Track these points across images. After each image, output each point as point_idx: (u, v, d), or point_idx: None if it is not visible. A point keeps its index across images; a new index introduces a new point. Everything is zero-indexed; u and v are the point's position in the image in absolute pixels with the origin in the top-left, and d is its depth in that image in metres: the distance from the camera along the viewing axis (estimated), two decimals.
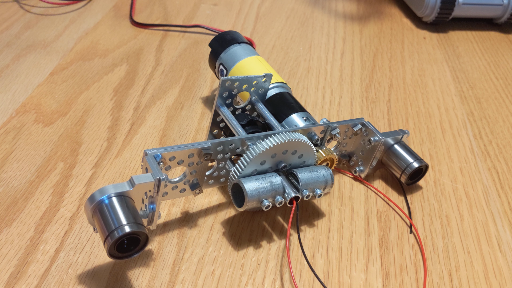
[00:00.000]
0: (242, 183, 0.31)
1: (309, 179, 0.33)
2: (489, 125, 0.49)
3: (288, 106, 0.40)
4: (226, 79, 0.36)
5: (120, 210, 0.27)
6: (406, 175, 0.38)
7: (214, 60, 0.45)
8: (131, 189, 0.28)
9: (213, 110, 0.37)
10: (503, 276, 0.34)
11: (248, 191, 0.31)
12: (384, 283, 0.32)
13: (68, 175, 0.38)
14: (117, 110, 0.46)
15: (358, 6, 0.72)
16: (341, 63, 0.57)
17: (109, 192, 0.28)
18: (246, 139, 0.33)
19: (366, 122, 0.38)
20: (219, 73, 0.44)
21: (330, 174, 0.34)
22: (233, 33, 0.45)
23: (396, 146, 0.39)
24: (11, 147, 0.41)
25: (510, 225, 0.38)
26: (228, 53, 0.43)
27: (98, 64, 0.53)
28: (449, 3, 0.63)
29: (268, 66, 0.43)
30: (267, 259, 0.33)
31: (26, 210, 0.35)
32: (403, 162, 0.38)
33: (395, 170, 0.39)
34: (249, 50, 0.44)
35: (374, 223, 0.37)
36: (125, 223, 0.27)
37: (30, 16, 0.61)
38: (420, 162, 0.38)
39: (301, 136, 0.33)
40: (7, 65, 0.52)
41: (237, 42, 0.44)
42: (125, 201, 0.28)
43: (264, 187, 0.32)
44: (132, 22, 0.61)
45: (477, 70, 0.59)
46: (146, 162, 0.30)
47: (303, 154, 0.34)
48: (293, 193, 0.32)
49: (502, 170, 0.43)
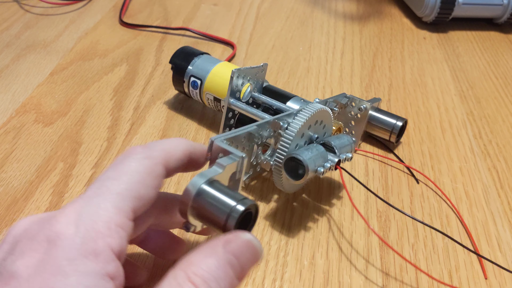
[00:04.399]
0: (299, 154, 0.32)
1: (340, 145, 0.35)
2: (489, 124, 0.49)
3: (281, 95, 0.41)
4: (237, 70, 0.37)
5: (223, 193, 0.25)
6: (395, 134, 0.42)
7: (182, 75, 0.44)
8: (222, 171, 0.26)
9: (226, 108, 0.38)
10: (503, 276, 0.34)
11: (308, 160, 0.32)
12: (384, 283, 0.32)
13: (68, 175, 0.38)
14: (117, 110, 0.46)
15: (358, 6, 0.72)
16: (341, 63, 0.57)
17: (201, 182, 0.25)
18: (279, 118, 0.34)
19: (349, 95, 0.42)
20: (190, 86, 0.44)
21: (352, 139, 0.37)
22: (189, 48, 0.46)
23: (375, 113, 0.43)
24: (11, 147, 0.41)
25: (510, 225, 0.38)
26: (195, 65, 0.43)
27: (98, 64, 0.53)
28: (449, 3, 0.63)
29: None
30: (267, 259, 0.33)
31: (26, 210, 0.35)
32: (388, 124, 0.42)
33: (382, 133, 0.43)
34: (213, 59, 0.44)
35: (374, 223, 0.37)
36: (234, 204, 0.24)
37: (30, 16, 0.61)
38: (402, 120, 0.42)
39: (323, 106, 0.36)
40: (7, 65, 0.52)
41: (199, 54, 0.44)
42: (219, 185, 0.26)
43: (316, 155, 0.33)
44: (120, 22, 0.61)
45: (477, 70, 0.59)
46: (219, 147, 0.28)
47: (326, 124, 0.37)
48: (336, 158, 0.34)
49: (502, 170, 0.43)
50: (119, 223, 0.21)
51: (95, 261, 0.19)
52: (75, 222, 0.20)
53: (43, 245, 0.20)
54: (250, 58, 0.57)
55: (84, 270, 0.19)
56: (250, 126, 0.33)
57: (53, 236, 0.20)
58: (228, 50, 0.58)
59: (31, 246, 0.20)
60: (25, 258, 0.20)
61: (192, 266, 0.20)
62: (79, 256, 0.19)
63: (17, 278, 0.19)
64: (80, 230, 0.20)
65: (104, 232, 0.20)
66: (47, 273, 0.19)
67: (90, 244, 0.20)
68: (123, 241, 0.21)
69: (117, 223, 0.21)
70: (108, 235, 0.20)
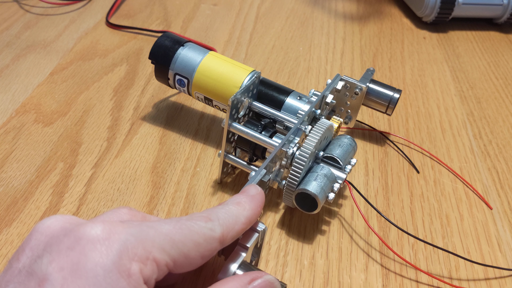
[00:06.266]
0: (309, 190, 0.32)
1: (344, 155, 0.35)
2: (489, 125, 0.49)
3: (278, 91, 0.39)
4: (234, 98, 0.34)
5: None
6: (392, 107, 0.42)
7: (165, 73, 0.40)
8: (245, 255, 0.27)
9: (225, 132, 0.36)
10: (503, 277, 0.34)
11: (317, 194, 0.32)
12: (384, 283, 0.32)
13: (68, 175, 0.38)
14: (117, 110, 0.46)
15: (358, 6, 0.72)
16: (341, 63, 0.57)
17: (233, 270, 0.26)
18: (284, 145, 0.33)
19: (344, 77, 0.41)
20: (177, 84, 0.40)
21: (352, 140, 0.37)
22: (170, 36, 0.40)
23: (371, 85, 0.42)
24: (11, 147, 0.41)
25: (510, 225, 0.38)
26: (178, 61, 0.39)
27: (98, 64, 0.53)
28: (449, 3, 0.63)
29: (229, 60, 0.40)
30: (267, 259, 0.33)
31: (26, 210, 0.35)
32: (385, 97, 0.42)
33: (379, 106, 0.43)
34: (198, 49, 0.40)
35: (374, 223, 0.37)
36: None
37: (30, 16, 0.61)
38: (399, 92, 0.42)
39: (327, 121, 0.35)
40: (7, 65, 0.52)
41: (182, 44, 0.40)
42: (247, 266, 0.26)
43: (323, 182, 0.33)
44: (107, 23, 0.61)
45: (477, 70, 0.59)
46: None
47: (328, 136, 0.36)
48: (343, 175, 0.34)
49: (502, 170, 0.43)
50: (156, 260, 0.20)
51: (127, 281, 0.19)
52: (117, 235, 0.20)
53: (78, 249, 0.19)
54: (250, 58, 0.56)
55: (117, 286, 0.19)
56: (261, 173, 0.31)
57: (89, 241, 0.19)
58: None
59: (65, 247, 0.20)
60: (59, 260, 0.19)
61: None
62: (115, 270, 0.19)
63: (50, 280, 0.19)
64: (120, 245, 0.20)
65: (142, 258, 0.20)
66: (82, 279, 0.19)
67: (126, 262, 0.19)
68: (153, 278, 0.21)
69: (155, 259, 0.20)
70: (144, 263, 0.20)
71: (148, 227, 0.21)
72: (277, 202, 0.38)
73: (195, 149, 0.42)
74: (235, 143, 0.38)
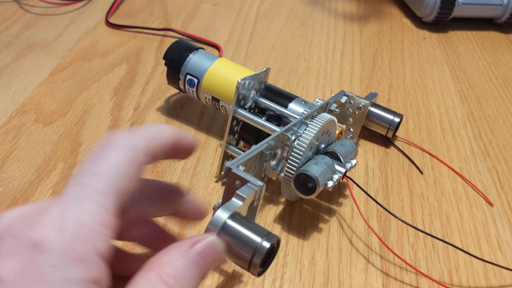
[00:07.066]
0: (309, 171, 0.32)
1: (345, 153, 0.35)
2: (489, 125, 0.49)
3: (283, 96, 0.41)
4: (243, 79, 0.36)
5: (248, 229, 0.25)
6: (393, 130, 0.43)
7: (177, 72, 0.42)
8: (242, 203, 0.26)
9: (231, 116, 0.36)
10: (503, 276, 0.34)
11: (318, 176, 0.32)
12: (384, 283, 0.32)
13: (68, 175, 0.38)
14: (117, 110, 0.46)
15: (358, 6, 0.72)
16: (341, 63, 0.57)
17: (224, 218, 0.25)
18: (286, 130, 0.34)
19: (348, 93, 0.42)
20: (186, 84, 0.42)
21: (354, 144, 0.37)
22: (184, 42, 0.44)
23: (373, 108, 0.43)
24: (11, 147, 0.41)
25: (510, 225, 0.38)
26: (191, 62, 0.42)
27: (98, 64, 0.53)
28: (449, 3, 0.63)
29: (236, 65, 0.43)
30: None
31: None
32: (386, 120, 0.43)
33: (379, 128, 0.43)
34: (209, 55, 0.43)
35: (374, 222, 0.37)
36: (260, 240, 0.24)
37: (30, 16, 0.61)
38: (399, 116, 0.43)
39: (328, 115, 0.35)
40: (7, 65, 0.52)
41: (195, 49, 0.42)
42: (241, 218, 0.26)
43: (324, 169, 0.33)
44: (107, 23, 0.61)
45: (477, 70, 0.59)
46: (236, 176, 0.28)
47: (330, 132, 0.37)
48: (343, 169, 0.34)
49: (502, 170, 0.43)
50: (103, 223, 0.21)
51: (79, 267, 0.19)
52: (58, 226, 0.20)
53: (28, 249, 0.20)
54: (250, 58, 0.57)
55: (67, 277, 0.19)
56: (262, 145, 0.32)
57: (37, 241, 0.20)
58: (215, 52, 0.57)
59: (16, 248, 0.20)
60: (10, 261, 0.19)
61: (164, 267, 0.21)
62: (63, 263, 0.19)
63: (1, 281, 0.19)
64: (64, 234, 0.20)
65: (89, 235, 0.20)
66: (30, 279, 0.19)
67: (74, 249, 0.19)
68: (109, 241, 0.21)
69: (101, 222, 0.20)
70: (93, 237, 0.20)
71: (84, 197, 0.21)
72: (277, 201, 0.38)
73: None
74: (238, 135, 0.39)
